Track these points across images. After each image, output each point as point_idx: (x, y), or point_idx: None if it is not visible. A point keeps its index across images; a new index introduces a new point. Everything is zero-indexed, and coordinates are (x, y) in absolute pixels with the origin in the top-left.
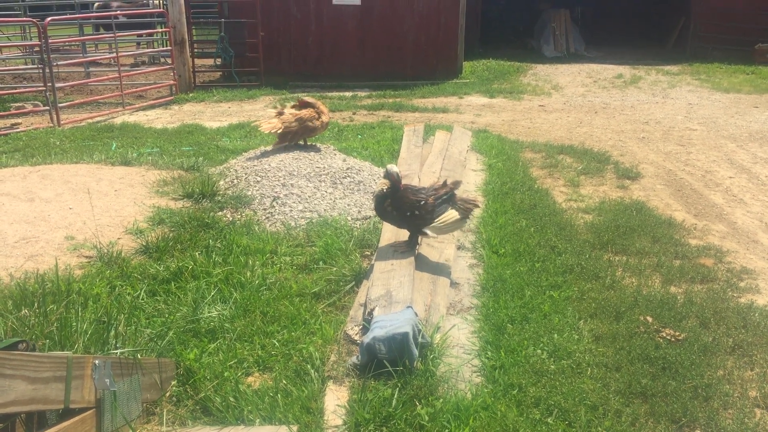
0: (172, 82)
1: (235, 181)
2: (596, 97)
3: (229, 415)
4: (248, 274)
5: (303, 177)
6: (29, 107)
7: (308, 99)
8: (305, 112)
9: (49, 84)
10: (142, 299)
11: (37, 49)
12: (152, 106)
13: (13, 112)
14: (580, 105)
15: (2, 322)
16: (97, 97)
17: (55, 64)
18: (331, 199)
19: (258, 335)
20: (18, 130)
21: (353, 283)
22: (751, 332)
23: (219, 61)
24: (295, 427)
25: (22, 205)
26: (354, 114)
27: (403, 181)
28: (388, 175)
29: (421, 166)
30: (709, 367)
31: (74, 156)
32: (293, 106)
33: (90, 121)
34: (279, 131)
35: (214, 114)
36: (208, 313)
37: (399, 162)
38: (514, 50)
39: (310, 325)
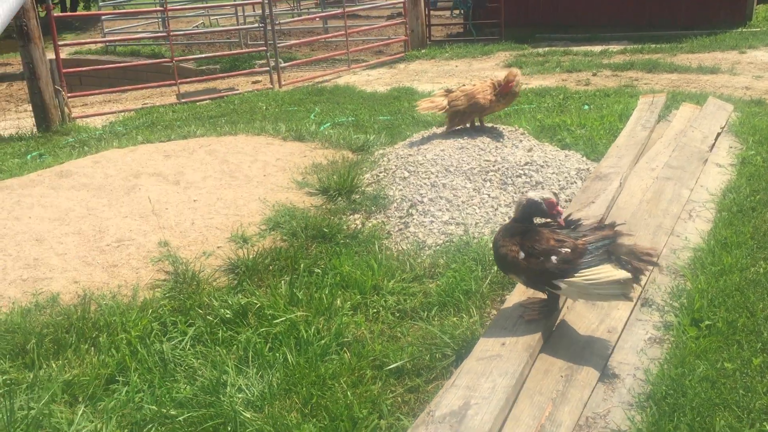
0: (403, 37)
1: (381, 174)
2: None
3: None
4: (322, 324)
5: (462, 174)
6: (258, 68)
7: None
8: (477, 86)
9: (270, 43)
10: (180, 350)
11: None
12: (381, 64)
13: (235, 73)
14: None
15: None
16: (320, 57)
17: (277, 22)
18: (492, 206)
19: None
20: (237, 92)
21: (454, 357)
22: None
23: (456, 12)
24: None
25: (159, 190)
26: (594, 75)
27: (596, 185)
28: (524, 206)
29: (635, 161)
30: None
31: (268, 124)
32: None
33: (312, 81)
34: (442, 112)
35: (436, 74)
36: (233, 391)
37: (609, 153)
38: None
39: None
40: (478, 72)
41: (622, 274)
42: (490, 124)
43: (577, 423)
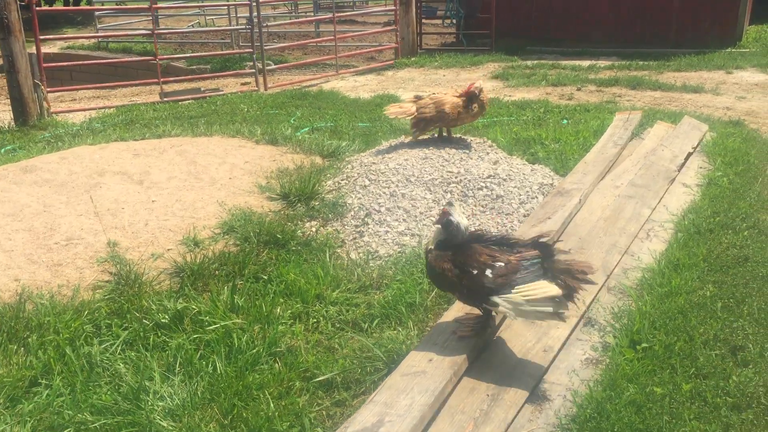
0: (394, 45)
1: (343, 181)
2: None
3: None
4: (257, 332)
5: (423, 185)
6: (248, 69)
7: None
8: (447, 94)
9: (257, 45)
10: (110, 355)
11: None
12: (370, 70)
13: (224, 74)
14: None
15: None
16: (309, 61)
17: (265, 25)
18: None
19: None
20: (221, 93)
21: (386, 371)
22: None
23: (448, 22)
24: None
25: (120, 189)
26: (578, 90)
27: (556, 201)
28: (443, 223)
29: (600, 177)
30: None
31: (245, 127)
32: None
33: (299, 84)
34: (410, 118)
35: (422, 83)
36: (154, 399)
37: (576, 169)
38: None
39: None
40: (465, 82)
41: (557, 290)
42: (459, 135)
43: None
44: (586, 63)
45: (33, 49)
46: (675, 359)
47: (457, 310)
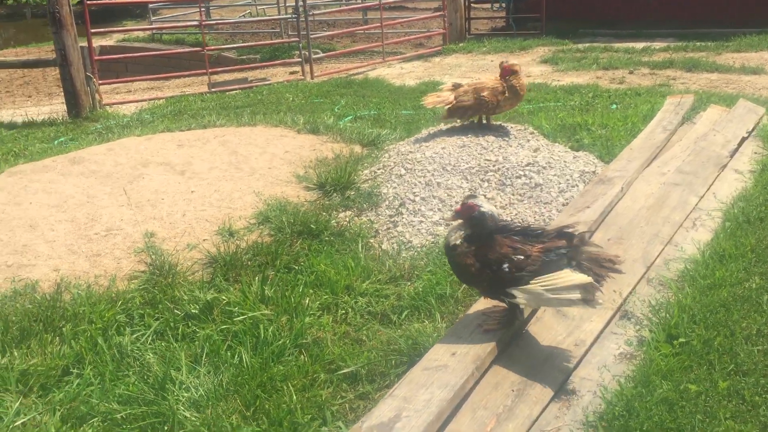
0: (442, 30)
1: (379, 171)
2: None
3: None
4: (284, 323)
5: (459, 173)
6: (295, 58)
7: (514, 64)
8: (485, 81)
9: (303, 33)
10: (140, 344)
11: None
12: (417, 57)
13: (272, 63)
14: None
15: None
16: (356, 48)
17: (311, 13)
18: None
19: None
20: (267, 82)
21: (408, 365)
22: None
23: (497, 6)
24: None
25: (162, 179)
26: (630, 73)
27: (596, 189)
28: (476, 217)
29: (645, 164)
30: None
31: (288, 116)
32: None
33: (345, 73)
34: (448, 106)
35: (469, 69)
36: (179, 389)
37: (620, 155)
38: None
39: None
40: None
41: (582, 278)
42: (500, 122)
43: None
44: (640, 45)
45: (85, 43)
46: (713, 355)
47: (485, 302)
